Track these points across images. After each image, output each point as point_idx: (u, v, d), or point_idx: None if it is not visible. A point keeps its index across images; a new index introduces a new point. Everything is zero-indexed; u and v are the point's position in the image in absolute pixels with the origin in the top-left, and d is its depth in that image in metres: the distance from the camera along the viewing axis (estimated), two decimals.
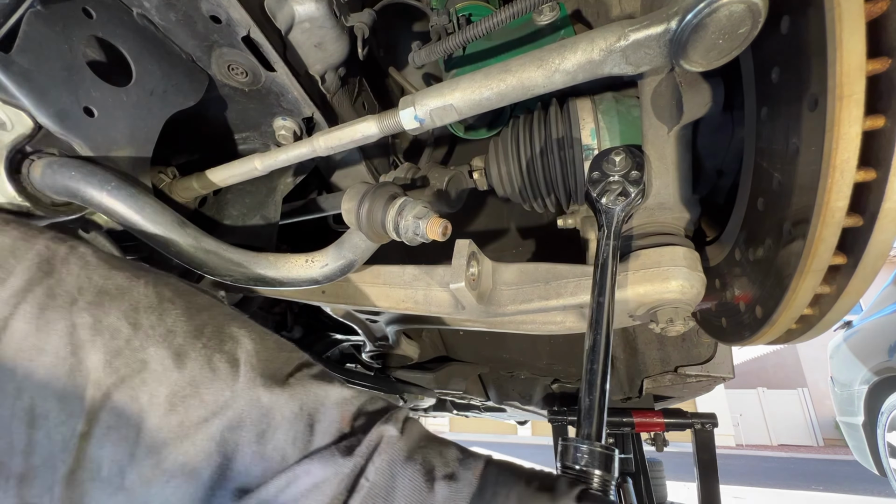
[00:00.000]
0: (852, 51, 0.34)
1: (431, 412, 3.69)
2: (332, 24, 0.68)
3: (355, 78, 0.89)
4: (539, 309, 0.67)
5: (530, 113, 0.81)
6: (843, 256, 0.41)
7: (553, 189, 0.78)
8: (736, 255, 0.59)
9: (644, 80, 0.58)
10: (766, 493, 5.52)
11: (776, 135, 0.46)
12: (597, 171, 0.64)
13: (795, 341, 0.55)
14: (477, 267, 0.69)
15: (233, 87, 0.71)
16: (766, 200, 0.50)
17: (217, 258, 0.61)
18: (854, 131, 0.36)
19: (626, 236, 0.70)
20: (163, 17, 0.61)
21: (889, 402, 3.04)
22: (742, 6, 0.39)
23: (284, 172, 0.87)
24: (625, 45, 0.46)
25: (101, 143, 0.58)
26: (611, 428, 1.52)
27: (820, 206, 0.39)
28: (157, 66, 0.63)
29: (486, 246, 1.38)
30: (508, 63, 0.52)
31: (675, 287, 0.59)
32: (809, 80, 0.38)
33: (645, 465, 2.67)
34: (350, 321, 1.12)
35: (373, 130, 0.61)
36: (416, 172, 0.94)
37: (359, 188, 0.63)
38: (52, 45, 0.53)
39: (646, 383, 1.43)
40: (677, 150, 0.61)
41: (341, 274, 0.67)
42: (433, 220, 0.57)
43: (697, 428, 1.45)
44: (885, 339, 3.03)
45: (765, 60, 0.48)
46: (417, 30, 1.03)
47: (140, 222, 0.55)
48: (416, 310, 0.74)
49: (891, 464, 3.12)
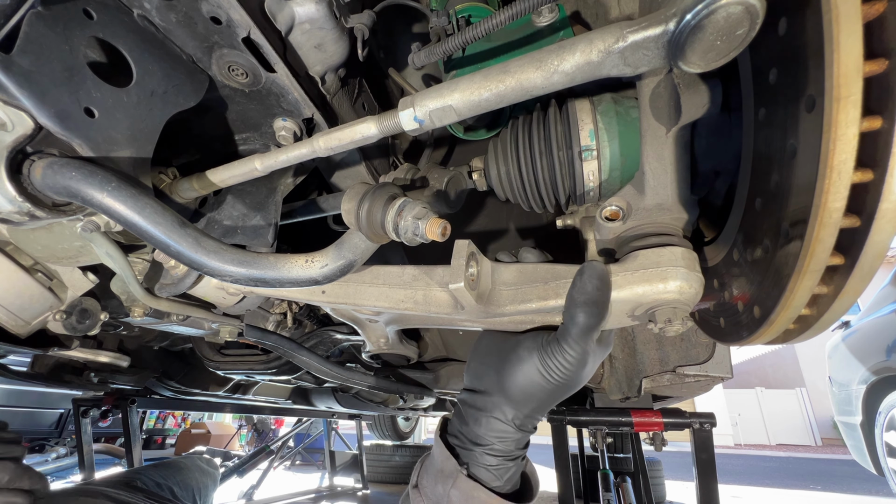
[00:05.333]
0: (849, 52, 0.34)
1: (431, 412, 3.69)
2: (332, 25, 0.68)
3: (355, 79, 0.89)
4: (538, 309, 0.67)
5: (529, 114, 0.81)
6: (841, 257, 0.42)
7: (552, 189, 0.78)
8: (734, 256, 0.59)
9: (642, 81, 0.58)
10: (765, 493, 5.53)
11: (774, 136, 0.46)
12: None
13: (793, 341, 0.55)
14: (476, 267, 0.69)
15: (233, 87, 0.71)
16: (763, 201, 0.50)
17: (217, 258, 0.61)
18: (851, 132, 0.36)
19: (625, 237, 0.71)
20: (163, 18, 0.61)
21: (887, 402, 3.05)
22: (740, 8, 0.39)
23: (284, 173, 0.87)
24: (623, 47, 0.46)
25: (102, 144, 0.58)
26: (610, 428, 1.52)
27: (817, 207, 0.39)
28: (158, 67, 0.63)
29: (486, 246, 1.38)
30: (507, 64, 0.53)
31: (674, 287, 0.59)
32: (807, 81, 0.39)
33: (644, 465, 2.69)
34: (350, 321, 1.12)
35: (372, 131, 0.61)
36: (415, 173, 0.94)
37: (358, 189, 0.63)
38: (52, 45, 0.53)
39: (644, 383, 1.43)
40: (675, 151, 0.61)
41: (341, 274, 0.67)
42: (432, 220, 0.58)
43: (696, 427, 1.45)
44: (882, 339, 3.04)
45: (763, 62, 0.48)
46: (417, 31, 1.03)
47: (140, 223, 0.55)
48: (415, 310, 0.74)
49: (889, 463, 3.13)
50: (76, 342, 1.09)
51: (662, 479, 4.23)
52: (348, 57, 0.76)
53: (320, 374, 1.38)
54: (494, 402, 0.64)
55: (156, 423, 7.41)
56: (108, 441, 5.67)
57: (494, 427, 0.63)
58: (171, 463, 1.99)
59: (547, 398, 0.62)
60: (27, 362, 1.68)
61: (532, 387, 0.61)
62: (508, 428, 0.63)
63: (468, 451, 0.65)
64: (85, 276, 0.88)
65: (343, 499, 4.20)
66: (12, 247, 0.77)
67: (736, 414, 15.31)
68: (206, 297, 0.95)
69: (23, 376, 1.61)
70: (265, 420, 6.99)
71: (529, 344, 0.63)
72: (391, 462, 4.98)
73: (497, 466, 0.63)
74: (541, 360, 0.60)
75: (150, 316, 1.06)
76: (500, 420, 0.63)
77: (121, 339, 1.63)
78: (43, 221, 0.61)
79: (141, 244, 0.84)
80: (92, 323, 0.95)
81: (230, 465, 4.00)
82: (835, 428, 4.23)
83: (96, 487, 1.39)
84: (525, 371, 0.61)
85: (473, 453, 0.64)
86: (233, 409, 3.21)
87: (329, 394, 2.65)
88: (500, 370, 0.64)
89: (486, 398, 0.65)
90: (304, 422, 4.87)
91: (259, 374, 1.68)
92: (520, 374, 0.62)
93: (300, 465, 6.08)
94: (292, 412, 3.85)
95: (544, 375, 0.60)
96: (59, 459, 4.71)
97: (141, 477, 1.65)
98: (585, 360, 0.59)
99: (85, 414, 2.46)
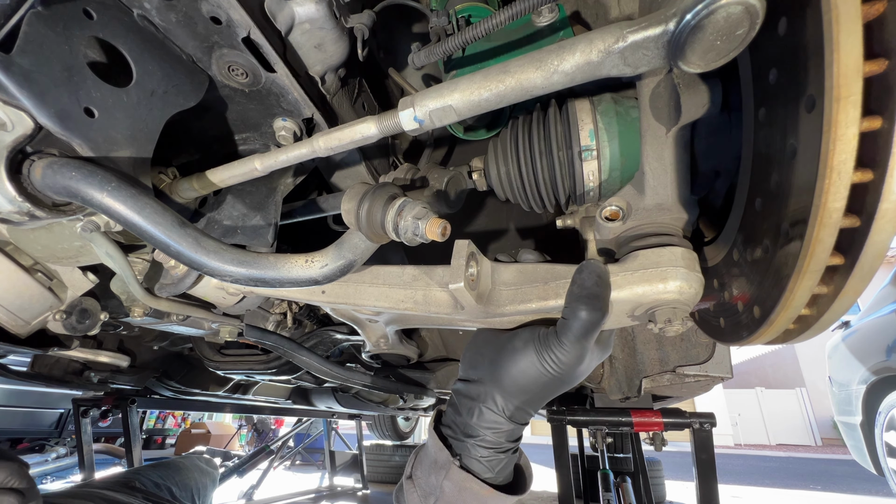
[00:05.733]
0: (849, 52, 0.34)
1: (431, 412, 3.68)
2: (332, 25, 0.68)
3: (355, 79, 0.89)
4: (538, 309, 0.67)
5: (529, 114, 0.81)
6: (841, 257, 0.42)
7: (552, 189, 0.78)
8: (734, 256, 0.59)
9: (642, 81, 0.58)
10: (765, 493, 5.53)
11: (774, 136, 0.46)
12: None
13: (793, 341, 0.55)
14: (476, 267, 0.69)
15: (233, 87, 0.71)
16: (763, 201, 0.50)
17: (217, 258, 0.61)
18: (851, 132, 0.36)
19: (625, 237, 0.71)
20: (163, 18, 0.61)
21: (887, 402, 3.05)
22: (740, 8, 0.39)
23: (284, 173, 0.87)
24: (623, 47, 0.46)
25: (102, 144, 0.58)
26: (610, 428, 1.52)
27: (817, 207, 0.39)
28: (158, 67, 0.63)
29: (486, 246, 1.38)
30: (507, 64, 0.53)
31: (674, 287, 0.59)
32: (807, 81, 0.39)
33: (644, 465, 2.69)
34: (350, 321, 1.12)
35: (372, 131, 0.61)
36: (415, 173, 0.94)
37: (358, 189, 0.63)
38: (52, 45, 0.53)
39: (644, 383, 1.43)
40: (675, 151, 0.61)
41: (341, 274, 0.67)
42: (432, 220, 0.58)
43: (696, 427, 1.45)
44: (882, 339, 3.04)
45: (762, 62, 0.48)
46: (417, 31, 1.03)
47: (140, 223, 0.55)
48: (415, 310, 0.74)
49: (889, 463, 3.13)
50: (76, 342, 1.09)
51: (662, 479, 4.23)
52: (348, 57, 0.76)
53: (320, 374, 1.38)
54: (487, 391, 0.64)
55: (156, 423, 7.41)
56: (108, 441, 5.67)
57: (486, 417, 0.64)
58: (169, 463, 1.99)
59: (540, 391, 0.63)
60: (27, 362, 1.68)
61: (525, 378, 0.62)
62: (500, 418, 0.64)
63: (461, 442, 0.65)
64: (85, 276, 0.88)
65: (343, 499, 4.20)
66: (12, 247, 0.77)
67: (736, 414, 15.31)
68: (206, 297, 0.95)
69: (23, 376, 1.61)
70: (265, 420, 7.00)
71: (526, 336, 0.63)
72: (391, 462, 4.98)
73: (489, 458, 0.64)
74: (536, 352, 0.61)
75: (150, 316, 1.06)
76: (491, 410, 0.64)
77: (121, 339, 1.63)
78: (43, 221, 0.61)
79: (141, 244, 0.84)
80: (92, 323, 0.95)
81: (230, 465, 4.00)
82: (835, 428, 4.24)
83: (94, 490, 1.40)
84: (519, 362, 0.62)
85: (466, 444, 0.64)
86: (233, 409, 3.21)
87: (329, 394, 2.65)
88: (495, 360, 0.65)
89: (479, 387, 0.66)
90: (304, 422, 4.87)
91: (259, 374, 1.68)
92: (513, 365, 0.62)
93: (300, 465, 6.09)
94: (292, 412, 3.85)
95: (539, 368, 0.60)
96: (59, 459, 4.72)
97: (139, 477, 1.65)
98: (582, 356, 0.59)
99: (85, 414, 2.46)
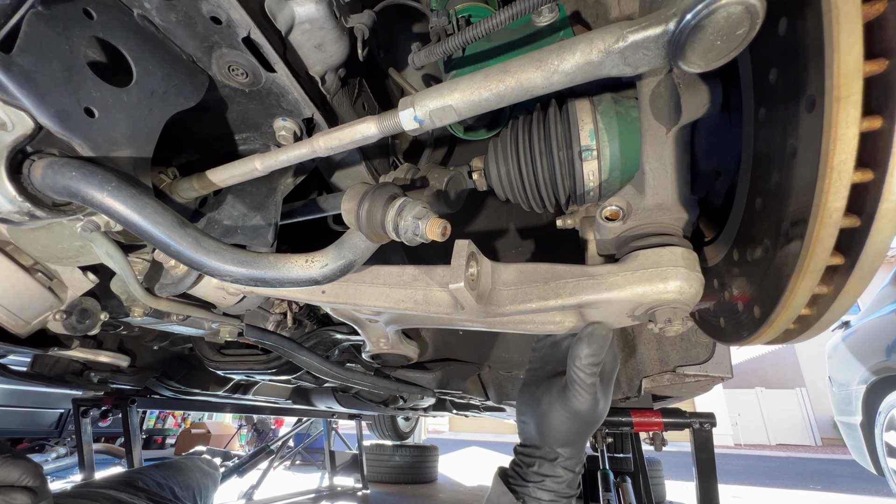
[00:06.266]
0: (849, 52, 0.34)
1: (431, 412, 3.69)
2: (332, 25, 0.68)
3: (355, 79, 0.89)
4: (538, 309, 0.67)
5: (529, 114, 0.81)
6: (841, 257, 0.42)
7: (552, 189, 0.78)
8: (734, 256, 0.59)
9: (643, 81, 0.58)
10: (765, 493, 5.53)
11: (774, 136, 0.46)
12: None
13: (793, 341, 0.55)
14: (476, 267, 0.69)
15: (233, 87, 0.71)
16: (764, 201, 0.50)
17: (217, 258, 0.60)
18: (851, 132, 0.36)
19: (625, 237, 0.71)
20: (163, 17, 0.61)
21: (887, 402, 3.05)
22: (740, 7, 0.39)
23: (285, 173, 0.87)
24: (623, 47, 0.46)
25: (102, 144, 0.58)
26: (610, 428, 1.52)
27: (817, 207, 0.39)
28: (158, 67, 0.63)
29: (486, 246, 1.38)
30: (507, 64, 0.53)
31: (674, 287, 0.59)
32: (807, 81, 0.39)
33: (644, 465, 2.68)
34: (350, 321, 1.12)
35: (372, 131, 0.61)
36: (415, 173, 0.94)
37: (358, 188, 0.63)
38: (52, 45, 0.53)
39: (644, 383, 1.43)
40: (676, 151, 0.61)
41: (341, 274, 0.67)
42: (432, 220, 0.58)
43: (696, 427, 1.45)
44: (882, 339, 3.04)
45: (763, 62, 0.48)
46: (417, 31, 1.03)
47: (140, 223, 0.55)
48: (415, 310, 0.74)
49: (888, 463, 3.13)
50: (76, 342, 1.08)
51: (662, 479, 4.23)
52: (348, 57, 0.76)
53: (320, 374, 1.38)
54: (542, 452, 0.76)
55: (156, 423, 7.41)
56: (108, 441, 5.67)
57: (546, 469, 0.75)
58: (172, 463, 1.99)
59: (577, 432, 0.74)
60: (27, 362, 1.68)
61: (563, 426, 0.73)
62: (557, 468, 0.75)
63: (523, 487, 0.75)
64: (85, 275, 0.88)
65: (343, 499, 4.20)
66: (12, 247, 0.77)
67: (736, 414, 15.31)
68: (206, 297, 0.95)
69: (23, 376, 1.61)
70: (265, 420, 6.99)
71: (548, 398, 0.75)
72: (391, 462, 4.98)
73: (550, 501, 0.73)
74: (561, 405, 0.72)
75: (150, 316, 1.06)
76: (548, 461, 0.75)
77: (121, 339, 1.63)
78: (43, 221, 0.61)
79: (141, 244, 0.84)
80: (92, 323, 0.95)
81: (230, 465, 4.00)
82: (835, 428, 4.24)
83: (98, 490, 1.39)
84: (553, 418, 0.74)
85: (528, 488, 0.75)
86: (233, 409, 3.21)
87: (329, 394, 2.65)
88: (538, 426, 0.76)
89: (534, 449, 0.77)
90: (304, 422, 4.87)
91: (259, 374, 1.68)
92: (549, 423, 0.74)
93: (300, 465, 6.08)
94: (292, 412, 3.85)
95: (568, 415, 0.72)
96: (59, 459, 4.72)
97: (142, 477, 1.65)
98: (596, 397, 0.71)
99: (85, 414, 2.46)
